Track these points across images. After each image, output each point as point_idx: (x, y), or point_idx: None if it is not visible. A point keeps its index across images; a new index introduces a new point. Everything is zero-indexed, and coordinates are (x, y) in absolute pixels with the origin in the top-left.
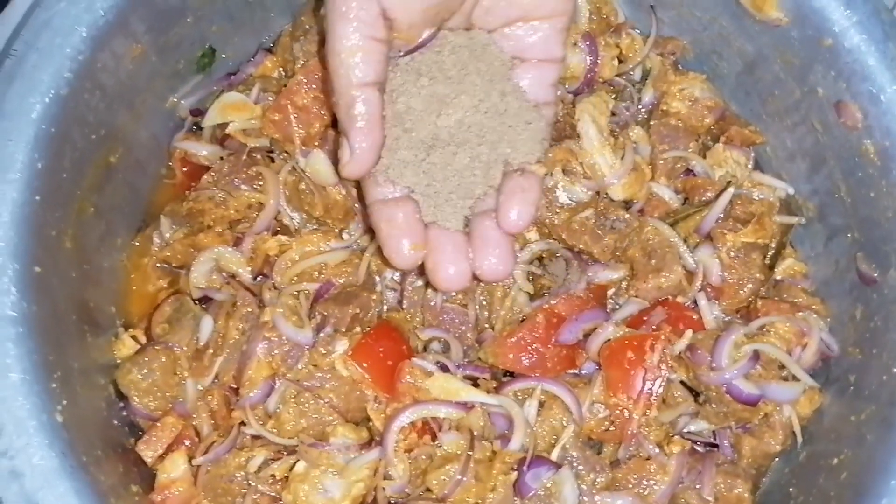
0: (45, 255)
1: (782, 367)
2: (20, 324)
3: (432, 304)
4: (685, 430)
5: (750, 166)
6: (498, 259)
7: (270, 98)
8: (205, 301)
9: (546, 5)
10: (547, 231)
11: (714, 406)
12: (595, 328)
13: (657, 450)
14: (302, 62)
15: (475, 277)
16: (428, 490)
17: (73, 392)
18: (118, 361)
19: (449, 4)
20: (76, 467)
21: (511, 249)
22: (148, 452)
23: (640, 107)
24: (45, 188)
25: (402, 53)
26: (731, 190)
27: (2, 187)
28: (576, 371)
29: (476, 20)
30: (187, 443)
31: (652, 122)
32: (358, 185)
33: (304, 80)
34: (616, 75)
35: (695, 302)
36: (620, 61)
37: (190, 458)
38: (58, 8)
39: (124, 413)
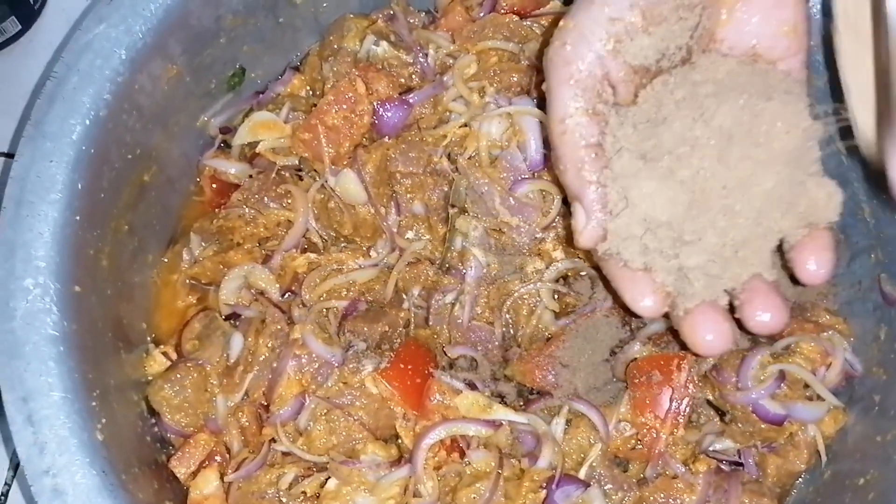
0: (83, 274)
1: (807, 386)
2: (61, 343)
3: (459, 321)
4: (710, 449)
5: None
6: (773, 313)
7: (300, 117)
8: (233, 317)
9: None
10: (572, 249)
11: (740, 425)
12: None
13: (684, 468)
14: (332, 82)
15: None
16: None
17: (110, 410)
18: (149, 378)
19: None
20: (116, 485)
21: (784, 301)
22: (181, 469)
23: None
24: (85, 208)
25: None
26: None
27: (44, 207)
28: None
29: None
30: (218, 459)
31: None
32: (385, 203)
33: (335, 100)
34: None
35: None
36: None
37: (221, 475)
38: (98, 31)
39: (156, 429)
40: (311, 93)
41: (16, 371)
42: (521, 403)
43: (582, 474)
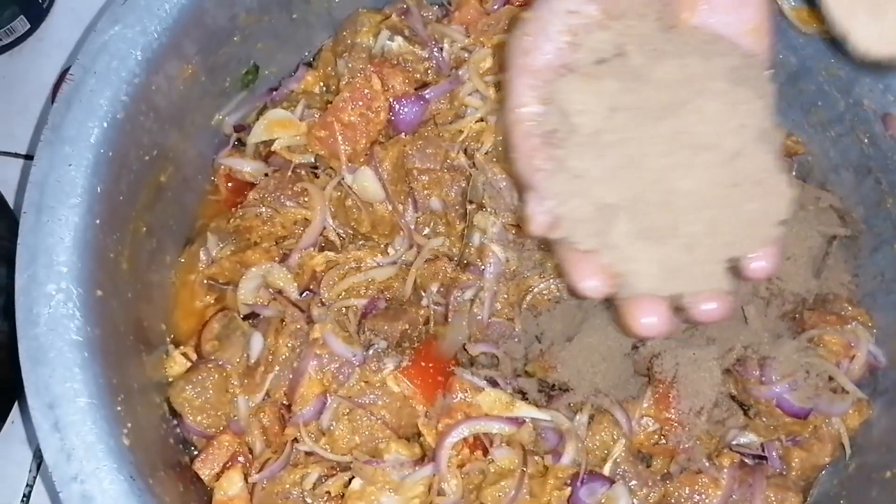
0: (105, 278)
1: (831, 379)
2: (85, 348)
3: (479, 318)
4: (734, 443)
5: (793, 176)
6: (718, 302)
7: (315, 114)
8: (252, 317)
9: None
10: None
11: (764, 419)
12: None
13: (708, 463)
14: (347, 79)
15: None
16: None
17: (135, 414)
18: (170, 379)
19: None
20: (144, 490)
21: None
22: (205, 471)
23: None
24: (105, 211)
25: None
26: None
27: (64, 212)
28: None
29: None
30: (241, 459)
31: None
32: (403, 200)
33: (350, 97)
34: None
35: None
36: None
37: (245, 476)
38: (113, 32)
39: (178, 431)
40: (324, 89)
41: (41, 377)
42: (543, 400)
43: (606, 471)
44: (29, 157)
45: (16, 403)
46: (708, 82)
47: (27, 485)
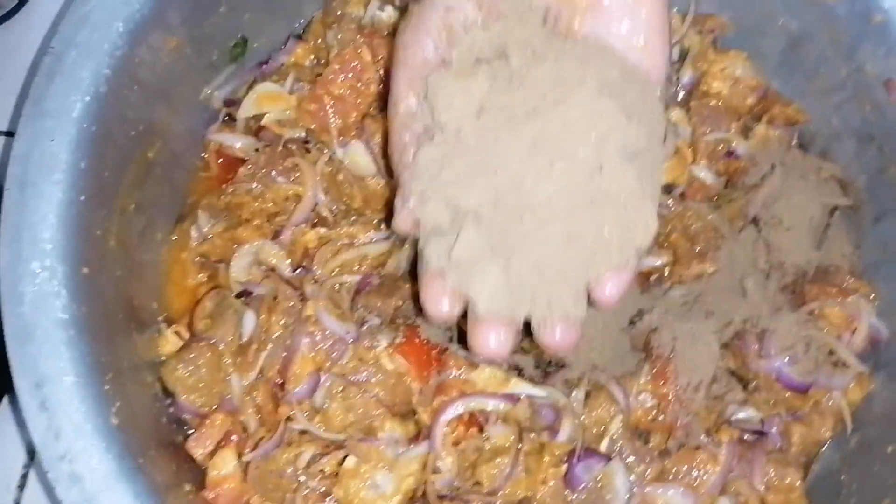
0: (91, 256)
1: (832, 352)
2: (71, 326)
3: None
4: (733, 419)
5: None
6: (563, 333)
7: (305, 88)
8: (245, 295)
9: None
10: None
11: (763, 394)
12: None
13: (706, 439)
14: (336, 50)
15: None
16: (478, 483)
17: (124, 393)
18: (163, 358)
19: None
20: (133, 469)
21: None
22: (198, 450)
23: (679, 87)
24: (90, 188)
25: None
26: (778, 172)
27: (48, 188)
28: None
29: None
30: (235, 438)
31: (692, 103)
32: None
33: (340, 69)
34: None
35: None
36: None
37: (239, 455)
38: (94, 2)
39: (171, 410)
40: (315, 62)
41: (28, 356)
42: (540, 376)
43: (603, 447)
44: (11, 133)
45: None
46: (576, 89)
47: (24, 466)
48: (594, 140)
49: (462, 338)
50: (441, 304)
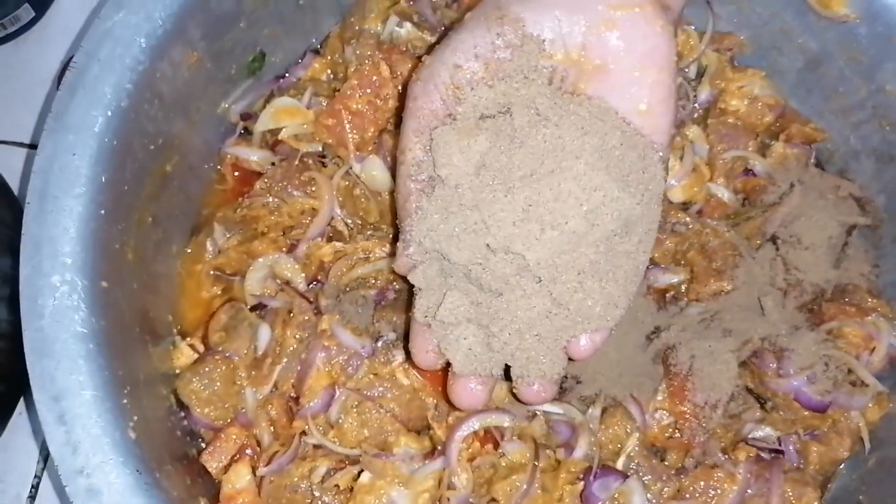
0: (110, 270)
1: (850, 371)
2: (90, 340)
3: None
4: (750, 437)
5: (812, 163)
6: (541, 387)
7: (322, 102)
8: (259, 308)
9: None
10: None
11: (781, 413)
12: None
13: (723, 457)
14: (354, 65)
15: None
16: (493, 500)
17: (141, 406)
18: (177, 371)
19: None
20: (150, 484)
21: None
22: (212, 464)
23: (696, 105)
24: (109, 201)
25: None
26: (797, 191)
27: (69, 202)
28: None
29: None
30: (249, 452)
31: (709, 121)
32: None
33: (358, 84)
34: None
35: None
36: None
37: (253, 469)
38: (117, 18)
39: (185, 423)
40: (332, 77)
41: (46, 370)
42: (556, 392)
43: (619, 465)
44: (33, 146)
45: (22, 396)
46: (572, 161)
47: (35, 476)
48: (584, 213)
49: None
50: (426, 355)
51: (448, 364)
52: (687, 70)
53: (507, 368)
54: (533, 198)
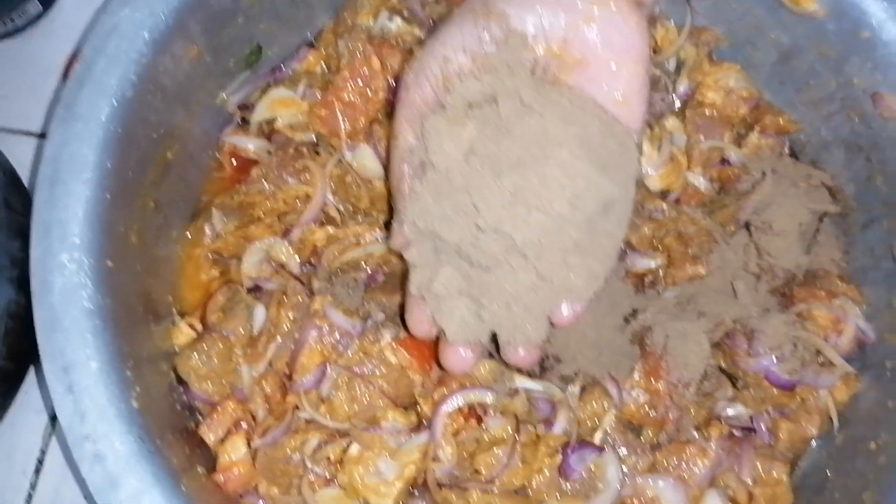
0: (115, 251)
1: (819, 352)
2: (96, 316)
3: None
4: (723, 415)
5: (785, 153)
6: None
7: (316, 93)
8: (255, 290)
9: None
10: None
11: (752, 391)
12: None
13: (697, 434)
14: (347, 59)
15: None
16: (476, 472)
17: (144, 379)
18: (177, 349)
19: None
20: (153, 451)
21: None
22: (210, 435)
23: (675, 97)
24: (115, 187)
25: None
26: (769, 179)
27: (77, 187)
28: None
29: None
30: (245, 426)
31: (687, 112)
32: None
33: (350, 77)
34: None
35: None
36: (655, 52)
37: (248, 441)
38: (123, 14)
39: (184, 398)
40: (326, 69)
41: (56, 343)
42: (537, 371)
43: (597, 439)
44: (42, 135)
45: (29, 372)
46: (557, 149)
47: (41, 450)
48: (568, 197)
49: None
50: (422, 325)
51: (439, 334)
52: (667, 63)
53: (494, 337)
54: (520, 183)
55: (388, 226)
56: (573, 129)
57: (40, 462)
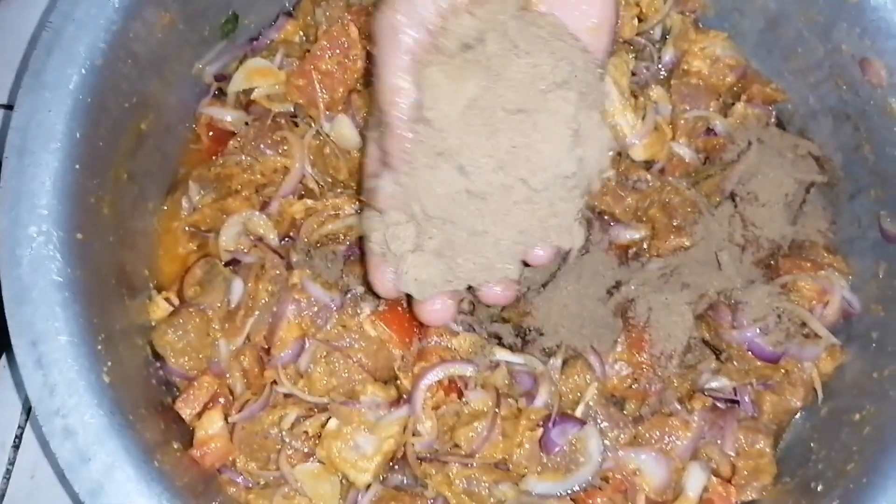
0: (85, 222)
1: (804, 324)
2: (66, 288)
3: None
4: (707, 387)
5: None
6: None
7: (294, 63)
8: (233, 263)
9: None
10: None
11: (735, 363)
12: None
13: (679, 406)
14: (325, 27)
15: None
16: (456, 446)
17: (116, 353)
18: (153, 323)
19: None
20: (124, 425)
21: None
22: (186, 410)
23: (660, 66)
24: (84, 156)
25: None
26: (754, 149)
27: (44, 157)
28: None
29: None
30: (222, 401)
31: (672, 82)
32: None
33: (328, 46)
34: (636, 34)
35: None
36: (640, 20)
37: (225, 416)
38: None
39: (161, 372)
40: (304, 38)
41: (24, 316)
42: (519, 344)
43: (578, 413)
44: (10, 106)
45: (4, 352)
46: (554, 94)
47: (19, 426)
48: (574, 153)
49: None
50: (388, 284)
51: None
52: (652, 31)
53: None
54: (517, 139)
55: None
56: (563, 67)
57: (18, 438)
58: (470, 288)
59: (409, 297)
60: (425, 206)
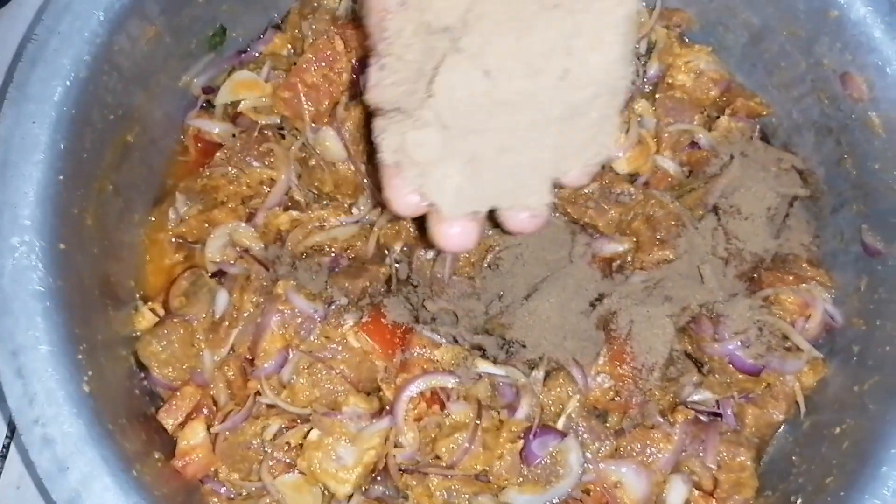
0: (68, 233)
1: (786, 337)
2: (47, 298)
3: (439, 276)
4: (689, 400)
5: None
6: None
7: (281, 76)
8: (219, 275)
9: None
10: (553, 203)
11: (717, 376)
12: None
13: (661, 419)
14: (311, 40)
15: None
16: (437, 457)
17: (97, 363)
18: (138, 333)
19: None
20: (103, 435)
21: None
22: (168, 420)
23: (645, 80)
24: (68, 168)
25: None
26: (737, 163)
27: (27, 168)
28: None
29: None
30: (205, 411)
31: (657, 95)
32: (368, 160)
33: (314, 59)
34: None
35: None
36: None
37: (208, 426)
38: None
39: (145, 383)
40: (292, 51)
41: (5, 326)
42: (502, 356)
43: (560, 425)
44: None
45: None
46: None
47: (6, 436)
48: (573, 52)
49: (432, 318)
50: (406, 198)
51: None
52: (637, 45)
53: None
54: (524, 38)
55: (353, 208)
56: None
57: (6, 448)
58: (491, 213)
59: (420, 220)
60: (442, 112)
